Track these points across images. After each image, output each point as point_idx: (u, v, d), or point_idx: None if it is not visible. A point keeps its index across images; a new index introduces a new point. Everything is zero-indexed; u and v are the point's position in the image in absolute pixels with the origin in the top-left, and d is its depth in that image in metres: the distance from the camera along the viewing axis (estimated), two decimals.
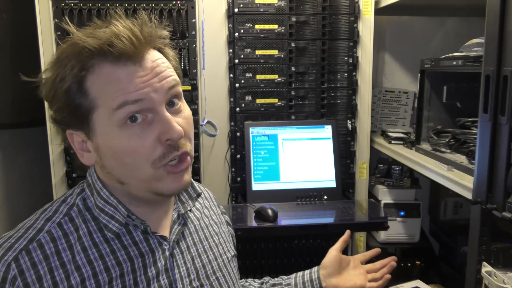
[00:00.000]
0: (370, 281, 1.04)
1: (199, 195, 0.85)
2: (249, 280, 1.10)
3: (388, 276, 1.06)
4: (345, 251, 1.81)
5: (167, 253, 0.74)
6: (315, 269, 1.04)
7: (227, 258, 0.88)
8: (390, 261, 1.07)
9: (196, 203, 0.87)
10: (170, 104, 0.70)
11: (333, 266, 1.02)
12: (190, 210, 0.84)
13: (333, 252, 1.04)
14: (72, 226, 0.70)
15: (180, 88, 0.72)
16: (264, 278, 1.10)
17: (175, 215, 0.79)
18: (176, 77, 0.71)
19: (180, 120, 0.70)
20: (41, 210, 0.73)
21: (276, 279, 1.07)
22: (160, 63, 0.69)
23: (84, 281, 0.66)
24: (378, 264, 1.08)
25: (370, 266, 1.07)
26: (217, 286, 0.81)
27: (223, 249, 0.89)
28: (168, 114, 0.67)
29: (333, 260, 1.03)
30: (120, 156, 0.67)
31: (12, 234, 0.69)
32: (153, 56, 0.68)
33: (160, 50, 0.71)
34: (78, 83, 0.65)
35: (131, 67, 0.65)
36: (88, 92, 0.66)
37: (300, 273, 1.05)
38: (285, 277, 1.07)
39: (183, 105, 0.73)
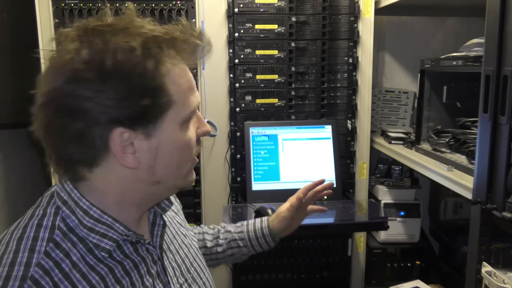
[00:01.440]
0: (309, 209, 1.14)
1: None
2: (204, 228, 1.10)
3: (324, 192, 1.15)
4: (345, 251, 1.80)
5: (155, 257, 0.73)
6: (264, 218, 1.09)
7: (194, 245, 0.89)
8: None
9: None
10: None
11: (283, 214, 1.08)
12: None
13: (287, 204, 1.10)
14: (60, 252, 0.62)
15: None
16: (216, 227, 1.10)
17: (151, 216, 0.77)
18: None
19: None
20: (14, 238, 0.63)
21: (226, 229, 1.08)
22: None
23: None
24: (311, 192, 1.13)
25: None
26: (196, 277, 0.83)
27: (189, 238, 0.89)
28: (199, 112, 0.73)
29: (286, 210, 1.09)
30: (178, 153, 0.68)
31: None
32: None
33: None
34: (155, 80, 0.63)
35: (188, 65, 0.68)
36: (168, 90, 0.63)
37: (251, 222, 1.09)
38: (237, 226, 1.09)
39: None
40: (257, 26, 1.72)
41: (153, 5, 1.63)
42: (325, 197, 1.12)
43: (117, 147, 0.62)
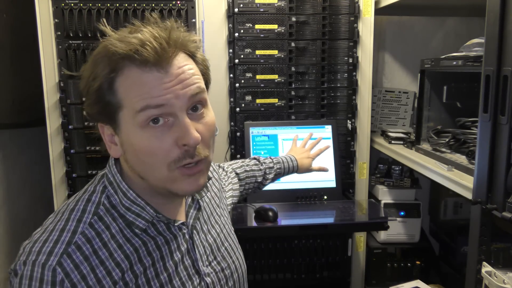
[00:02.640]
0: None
1: (209, 178, 0.90)
2: (250, 163, 1.29)
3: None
4: (345, 251, 1.81)
5: (187, 236, 0.81)
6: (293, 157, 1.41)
7: (228, 226, 0.96)
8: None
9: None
10: (194, 109, 0.72)
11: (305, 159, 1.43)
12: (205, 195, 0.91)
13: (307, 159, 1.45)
14: (102, 225, 0.73)
15: (206, 95, 0.74)
16: (260, 161, 1.33)
17: (189, 199, 0.85)
18: (201, 84, 0.73)
19: (200, 126, 0.72)
20: (68, 209, 0.75)
21: (268, 163, 1.34)
22: (186, 69, 0.71)
23: (124, 274, 0.72)
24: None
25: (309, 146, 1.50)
26: (226, 255, 0.90)
27: (224, 218, 0.96)
28: (187, 120, 0.70)
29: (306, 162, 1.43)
30: (140, 155, 0.71)
31: (46, 238, 0.70)
32: (180, 62, 0.71)
33: (190, 54, 0.74)
34: (108, 83, 0.69)
35: (156, 73, 0.68)
36: (117, 92, 0.69)
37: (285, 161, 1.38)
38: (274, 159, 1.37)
39: (207, 112, 0.75)
40: (257, 26, 1.72)
41: (153, 5, 1.63)
42: (325, 197, 1.12)
43: (105, 137, 0.76)
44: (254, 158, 1.33)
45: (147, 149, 0.70)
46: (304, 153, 1.45)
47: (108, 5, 1.62)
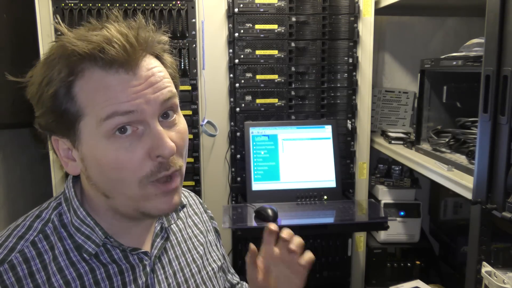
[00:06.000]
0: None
1: (183, 206, 0.81)
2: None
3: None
4: (345, 251, 1.80)
5: (148, 269, 0.71)
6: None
7: (212, 269, 0.84)
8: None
9: (180, 212, 0.83)
10: (164, 116, 0.65)
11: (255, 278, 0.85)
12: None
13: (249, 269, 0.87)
14: (47, 244, 0.65)
15: (177, 100, 0.67)
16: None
17: (158, 227, 0.75)
18: (172, 88, 0.65)
19: (174, 134, 0.65)
20: (14, 225, 0.67)
21: None
22: (156, 72, 0.63)
23: None
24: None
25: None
26: None
27: (208, 260, 0.85)
28: (160, 128, 0.62)
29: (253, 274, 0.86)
30: (106, 170, 0.62)
31: None
32: (149, 64, 0.63)
33: (158, 57, 0.66)
34: (66, 88, 0.61)
35: (123, 75, 0.60)
36: (76, 99, 0.61)
37: None
38: None
39: (179, 118, 0.67)
40: (257, 26, 1.72)
41: (153, 5, 1.63)
42: (325, 197, 1.10)
43: (60, 152, 0.67)
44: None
45: (114, 162, 0.61)
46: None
47: (108, 5, 1.62)
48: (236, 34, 1.71)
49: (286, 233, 0.84)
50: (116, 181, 0.63)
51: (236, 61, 1.72)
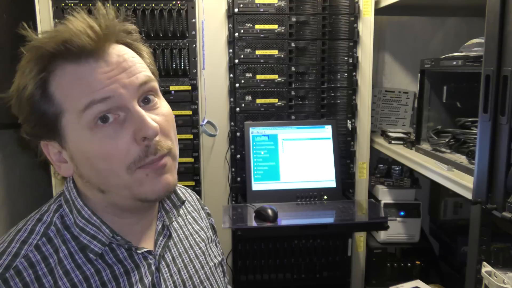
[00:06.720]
0: None
1: (183, 202, 0.80)
2: None
3: None
4: (345, 251, 1.81)
5: (153, 267, 0.71)
6: None
7: (214, 265, 0.85)
8: None
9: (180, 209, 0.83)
10: (145, 101, 0.64)
11: None
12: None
13: None
14: (51, 248, 0.64)
15: (156, 84, 0.66)
16: None
17: (160, 226, 0.75)
18: (148, 72, 0.65)
19: (157, 117, 0.64)
20: (15, 230, 0.66)
21: None
22: (128, 57, 0.63)
23: None
24: None
25: None
26: None
27: (209, 256, 0.85)
28: (140, 110, 0.62)
29: None
30: (94, 162, 0.62)
31: None
32: (119, 51, 0.63)
33: (128, 46, 0.66)
34: (41, 89, 0.61)
35: (93, 63, 0.60)
36: (54, 97, 0.61)
37: None
38: None
39: (161, 102, 0.67)
40: (257, 26, 1.72)
41: (153, 5, 1.63)
42: (325, 197, 1.10)
43: (52, 157, 0.67)
44: None
45: (100, 152, 0.61)
46: None
47: (108, 5, 1.61)
48: (236, 34, 1.71)
49: None
50: (106, 171, 0.62)
51: (236, 61, 1.72)
